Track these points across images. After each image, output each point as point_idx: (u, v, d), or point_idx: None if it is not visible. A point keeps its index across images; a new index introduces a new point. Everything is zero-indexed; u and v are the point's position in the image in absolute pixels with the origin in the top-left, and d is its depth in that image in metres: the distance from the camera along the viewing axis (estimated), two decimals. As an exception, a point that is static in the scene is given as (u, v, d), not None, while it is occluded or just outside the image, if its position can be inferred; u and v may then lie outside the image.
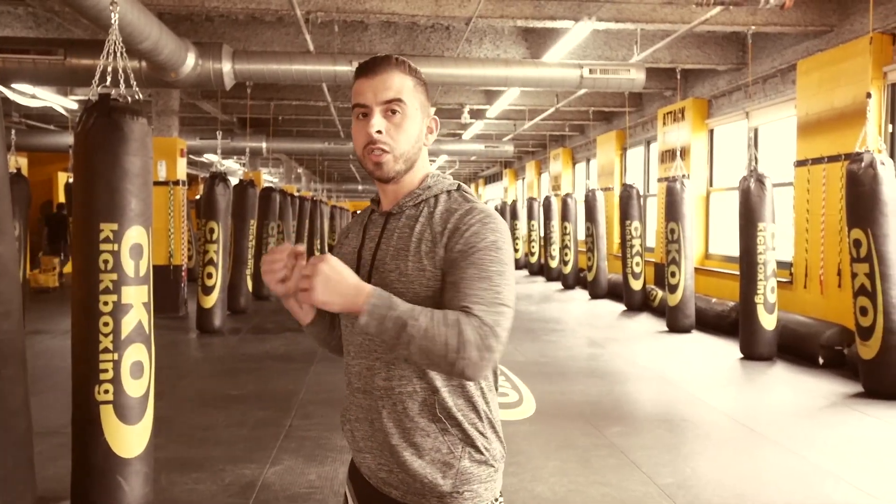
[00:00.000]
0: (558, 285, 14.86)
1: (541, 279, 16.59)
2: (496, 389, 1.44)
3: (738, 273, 7.30)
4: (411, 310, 1.23)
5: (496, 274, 1.29)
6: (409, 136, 1.37)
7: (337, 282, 1.23)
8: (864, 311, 5.53)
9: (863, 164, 5.48)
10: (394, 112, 1.35)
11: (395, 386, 1.34)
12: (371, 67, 1.37)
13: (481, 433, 1.36)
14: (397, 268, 1.34)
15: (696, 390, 5.80)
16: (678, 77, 9.66)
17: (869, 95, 5.84)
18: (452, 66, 7.92)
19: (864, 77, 6.49)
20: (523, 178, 22.54)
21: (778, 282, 7.14)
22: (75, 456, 3.15)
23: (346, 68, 7.66)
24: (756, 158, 7.43)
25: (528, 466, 3.96)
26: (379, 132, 1.34)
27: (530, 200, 18.04)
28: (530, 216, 17.69)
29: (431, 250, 1.33)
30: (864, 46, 6.44)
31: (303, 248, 1.34)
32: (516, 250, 19.94)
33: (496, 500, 1.38)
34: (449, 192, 1.41)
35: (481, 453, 1.35)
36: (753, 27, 7.14)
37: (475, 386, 1.36)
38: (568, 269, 14.40)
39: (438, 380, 1.34)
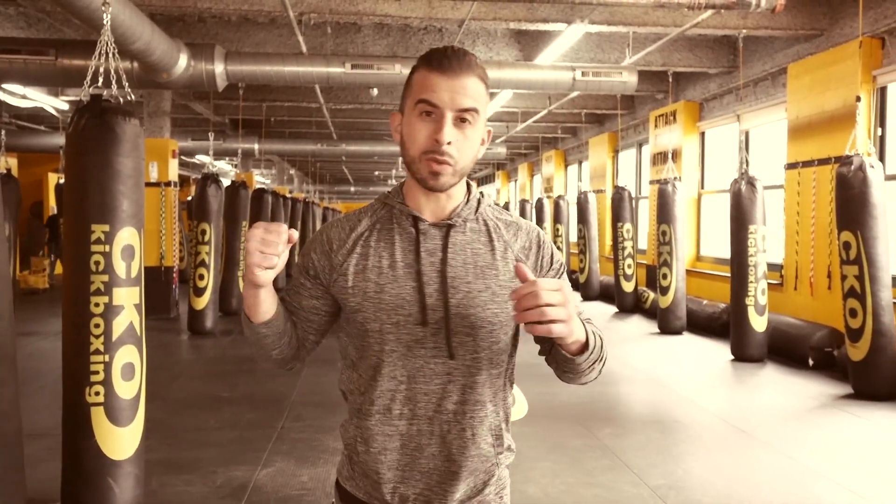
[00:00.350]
0: (550, 287, 14.87)
1: (533, 281, 16.59)
2: None
3: (729, 275, 7.34)
4: (593, 329, 1.23)
5: None
6: (473, 151, 1.25)
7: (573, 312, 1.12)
8: (853, 313, 5.57)
9: (852, 167, 5.52)
10: (465, 121, 1.22)
11: (469, 411, 1.26)
12: (450, 65, 1.20)
13: (509, 439, 1.36)
14: (488, 287, 1.24)
15: (687, 392, 5.82)
16: (670, 80, 9.71)
17: (858, 99, 5.89)
18: (445, 68, 7.91)
19: (854, 81, 6.54)
20: (516, 180, 22.57)
21: (768, 284, 7.18)
22: (65, 458, 3.14)
23: (339, 70, 7.65)
24: (747, 161, 7.48)
25: (520, 468, 3.96)
26: (450, 143, 1.20)
27: (522, 202, 18.08)
28: (523, 218, 17.71)
29: None
30: (853, 50, 6.49)
31: (297, 234, 1.16)
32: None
33: None
34: (489, 204, 1.37)
35: (508, 458, 1.36)
36: (744, 31, 7.18)
37: (511, 399, 1.36)
38: (560, 271, 14.42)
39: (499, 401, 1.30)
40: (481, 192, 1.36)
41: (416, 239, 1.26)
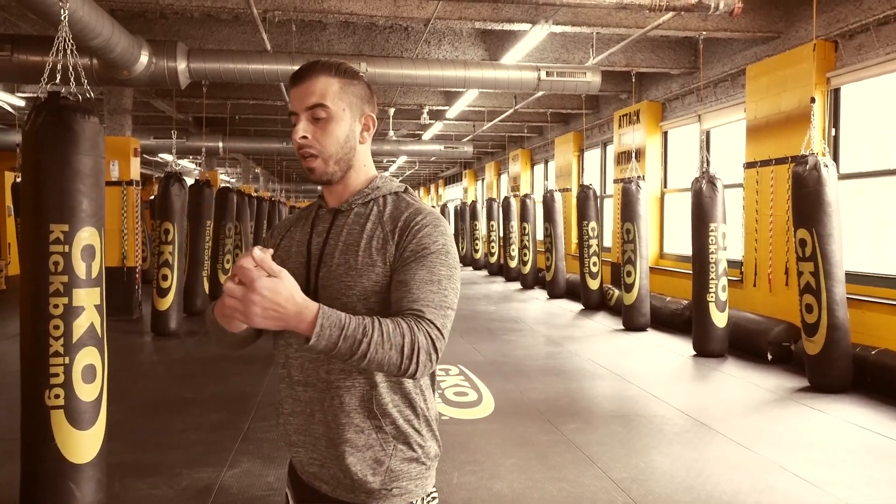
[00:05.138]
0: (517, 285, 14.99)
1: (500, 279, 16.71)
2: (433, 388, 1.46)
3: (691, 272, 7.49)
4: (362, 326, 1.21)
5: (445, 278, 1.33)
6: (337, 139, 1.38)
7: (274, 308, 1.15)
8: (809, 308, 5.73)
9: (807, 167, 5.68)
10: (318, 118, 1.37)
11: (335, 379, 1.34)
12: (298, 75, 1.39)
13: (416, 430, 1.37)
14: (346, 262, 1.35)
15: (650, 387, 5.93)
16: (633, 80, 9.86)
17: (813, 100, 6.06)
18: (411, 67, 7.94)
19: (809, 82, 6.73)
20: (483, 179, 22.66)
21: (729, 280, 7.35)
22: (25, 462, 3.08)
23: (305, 68, 7.60)
24: (708, 160, 7.64)
25: (486, 464, 4.01)
26: (304, 137, 1.37)
27: (489, 201, 18.17)
28: (490, 217, 17.80)
29: (383, 247, 1.35)
30: (808, 53, 6.68)
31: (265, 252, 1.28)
32: (476, 251, 20.08)
33: (428, 495, 1.40)
34: (396, 193, 1.45)
35: (413, 451, 1.36)
36: (704, 32, 7.34)
37: (414, 383, 1.38)
38: (527, 270, 14.55)
39: (378, 375, 1.34)
40: (403, 186, 1.46)
41: (312, 223, 1.46)
